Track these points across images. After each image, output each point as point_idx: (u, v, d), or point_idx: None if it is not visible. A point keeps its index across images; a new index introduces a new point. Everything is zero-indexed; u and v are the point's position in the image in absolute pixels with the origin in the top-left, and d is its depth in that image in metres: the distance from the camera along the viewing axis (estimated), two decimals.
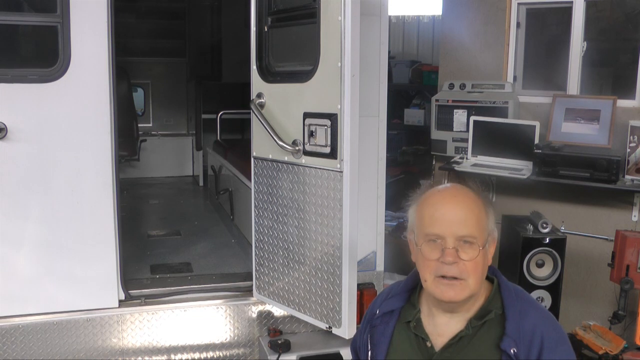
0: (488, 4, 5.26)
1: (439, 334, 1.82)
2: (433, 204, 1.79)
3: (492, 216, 1.83)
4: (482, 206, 1.80)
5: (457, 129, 5.20)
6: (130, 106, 6.74)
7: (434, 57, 7.82)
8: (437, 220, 1.75)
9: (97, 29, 3.16)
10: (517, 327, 1.72)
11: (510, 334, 1.71)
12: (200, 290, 3.60)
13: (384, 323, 1.93)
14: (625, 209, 4.58)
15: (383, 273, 3.76)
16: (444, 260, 1.72)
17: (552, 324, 1.77)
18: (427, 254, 1.76)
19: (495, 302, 1.80)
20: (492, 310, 1.78)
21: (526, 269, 4.05)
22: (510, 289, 1.83)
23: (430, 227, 1.76)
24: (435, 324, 1.83)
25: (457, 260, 1.72)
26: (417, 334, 1.85)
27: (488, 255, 1.80)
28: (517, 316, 1.74)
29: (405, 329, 1.88)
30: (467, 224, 1.74)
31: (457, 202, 1.78)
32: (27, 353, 3.22)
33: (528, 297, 1.85)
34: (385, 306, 1.96)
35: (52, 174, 3.21)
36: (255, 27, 3.38)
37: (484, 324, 1.78)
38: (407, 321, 1.88)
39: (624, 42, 5.73)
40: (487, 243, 1.78)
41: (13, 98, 3.11)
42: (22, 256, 3.21)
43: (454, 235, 1.73)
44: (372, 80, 3.49)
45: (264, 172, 3.41)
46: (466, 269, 1.72)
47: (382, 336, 1.91)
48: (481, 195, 1.83)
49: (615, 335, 3.92)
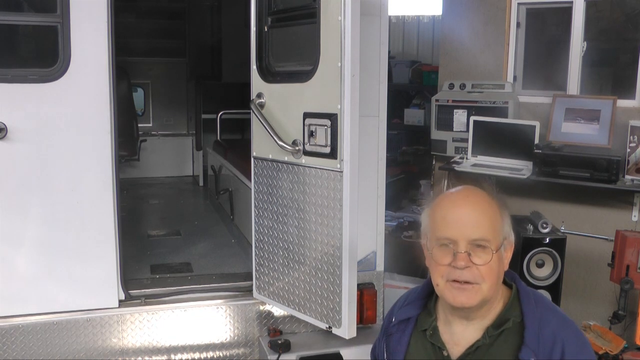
0: (488, 4, 5.27)
1: (456, 343, 1.78)
2: (445, 207, 1.75)
3: (507, 219, 1.78)
4: (497, 208, 1.75)
5: (457, 129, 5.21)
6: (130, 106, 6.73)
7: (434, 57, 7.82)
8: (448, 224, 1.71)
9: (97, 29, 3.16)
10: (536, 336, 1.67)
11: (529, 343, 1.66)
12: (200, 290, 3.60)
13: (400, 331, 1.90)
14: (625, 209, 4.58)
15: (383, 273, 3.75)
16: (456, 264, 1.68)
17: (574, 330, 1.72)
18: (439, 259, 1.72)
19: (513, 310, 1.75)
20: (510, 318, 1.74)
21: (526, 269, 4.05)
22: (530, 295, 1.78)
23: (442, 231, 1.72)
24: (452, 333, 1.80)
25: (470, 264, 1.67)
26: (434, 342, 1.81)
27: (504, 260, 1.75)
28: (537, 325, 1.69)
29: (421, 338, 1.85)
30: (480, 227, 1.69)
31: (469, 205, 1.73)
32: (27, 353, 3.21)
33: (548, 303, 1.80)
34: (401, 314, 1.92)
35: (52, 174, 3.20)
36: (255, 27, 3.38)
37: (501, 332, 1.73)
38: (424, 329, 1.84)
39: (624, 42, 5.73)
40: (502, 247, 1.72)
41: (13, 98, 3.11)
42: (22, 256, 3.21)
43: (466, 238, 1.68)
44: (372, 80, 3.49)
45: (264, 172, 3.41)
46: (479, 273, 1.67)
47: (398, 345, 1.88)
48: (496, 197, 1.78)
49: (615, 335, 3.92)
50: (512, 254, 1.79)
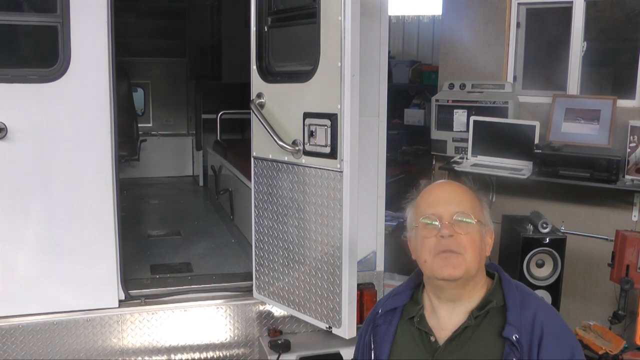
0: (488, 4, 5.27)
1: (442, 328, 1.83)
2: (427, 192, 1.89)
3: (486, 209, 1.90)
4: (476, 196, 1.88)
5: (457, 129, 5.21)
6: (130, 106, 6.74)
7: (434, 57, 7.83)
8: (432, 202, 1.84)
9: (97, 29, 3.16)
10: (518, 316, 1.75)
11: (512, 321, 1.74)
12: (200, 290, 3.60)
13: (386, 322, 1.94)
14: (625, 209, 4.58)
15: (383, 273, 3.75)
16: (442, 233, 1.78)
17: (553, 313, 1.80)
18: (425, 234, 1.81)
19: (496, 294, 1.83)
20: (493, 300, 1.81)
21: (526, 269, 4.06)
22: (511, 282, 1.87)
23: (426, 209, 1.83)
24: (438, 318, 1.85)
25: (454, 233, 1.77)
26: (421, 328, 1.86)
27: (485, 244, 1.85)
28: (518, 306, 1.78)
29: (408, 326, 1.90)
30: (461, 202, 1.82)
31: (450, 187, 1.90)
32: (27, 353, 3.21)
33: (528, 289, 1.89)
34: (388, 304, 1.98)
35: (52, 174, 3.21)
36: (255, 27, 3.38)
37: (486, 315, 1.80)
38: (410, 317, 1.90)
39: (624, 42, 5.73)
40: (482, 228, 1.83)
41: (13, 98, 3.11)
42: (22, 256, 3.21)
43: (449, 212, 1.80)
44: (372, 80, 3.49)
45: (264, 172, 3.41)
46: (462, 242, 1.77)
47: (385, 335, 1.92)
48: (475, 190, 1.90)
49: (615, 335, 3.92)
50: (492, 241, 1.91)
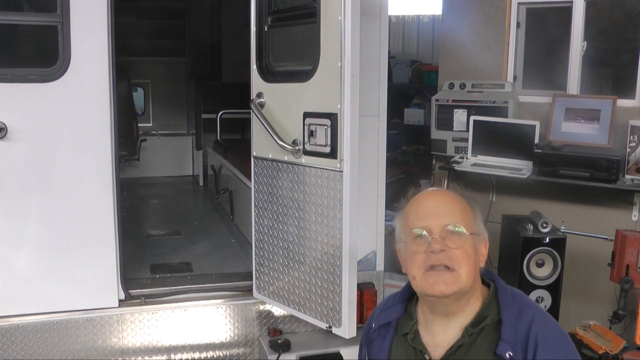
0: (488, 4, 5.26)
1: (437, 345, 1.77)
2: (416, 202, 1.79)
3: (479, 216, 1.80)
4: (467, 204, 1.78)
5: (457, 129, 5.20)
6: (130, 106, 6.73)
7: (434, 57, 7.82)
8: (421, 215, 1.74)
9: (97, 29, 3.16)
10: (513, 331, 1.67)
11: (506, 338, 1.66)
12: (200, 290, 3.60)
13: (381, 337, 1.88)
14: (625, 208, 4.58)
15: (383, 273, 3.75)
16: (432, 248, 1.68)
17: (549, 322, 1.72)
18: (415, 249, 1.72)
19: (491, 308, 1.74)
20: (488, 315, 1.73)
21: (526, 269, 4.05)
22: (508, 292, 1.77)
23: (416, 222, 1.73)
24: (433, 334, 1.79)
25: (445, 248, 1.68)
26: (415, 346, 1.80)
27: (479, 254, 1.76)
28: (514, 320, 1.69)
29: (402, 342, 1.84)
30: (452, 214, 1.72)
31: (440, 196, 1.79)
32: (27, 353, 3.21)
33: (526, 299, 1.80)
34: (381, 318, 1.91)
35: (52, 174, 3.21)
36: (255, 27, 3.38)
37: (481, 332, 1.72)
38: (405, 333, 1.83)
39: (624, 42, 5.73)
40: (476, 238, 1.74)
41: (13, 98, 3.11)
42: (22, 256, 3.21)
43: (439, 225, 1.70)
44: (372, 80, 3.48)
45: (264, 172, 3.41)
46: (455, 257, 1.67)
47: (379, 351, 1.87)
48: (466, 197, 1.81)
49: (615, 335, 3.92)
50: (487, 251, 1.80)
